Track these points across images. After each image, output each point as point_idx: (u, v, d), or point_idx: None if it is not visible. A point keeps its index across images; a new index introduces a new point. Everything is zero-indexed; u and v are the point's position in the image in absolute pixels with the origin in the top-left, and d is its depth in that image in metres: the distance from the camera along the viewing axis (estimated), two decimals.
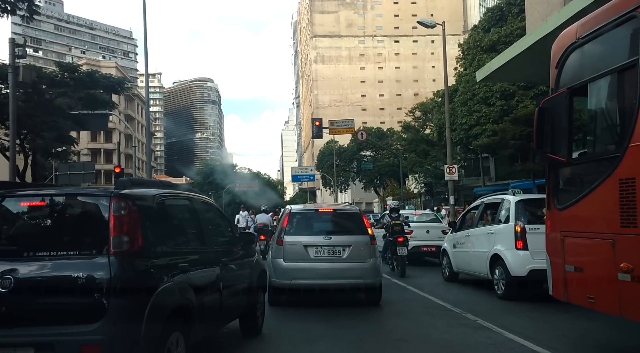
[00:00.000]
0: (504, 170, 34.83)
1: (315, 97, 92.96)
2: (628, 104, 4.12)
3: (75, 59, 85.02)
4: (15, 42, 16.36)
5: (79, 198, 3.98)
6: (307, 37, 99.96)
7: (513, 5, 30.36)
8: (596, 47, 4.62)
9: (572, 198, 4.79)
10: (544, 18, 12.58)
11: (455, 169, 21.34)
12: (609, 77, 4.41)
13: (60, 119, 23.00)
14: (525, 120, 22.51)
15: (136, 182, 4.30)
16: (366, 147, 54.23)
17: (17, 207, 3.84)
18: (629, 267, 3.90)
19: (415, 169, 43.98)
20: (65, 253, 3.47)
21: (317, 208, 8.78)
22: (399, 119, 63.64)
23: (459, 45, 35.66)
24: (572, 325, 6.33)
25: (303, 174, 52.57)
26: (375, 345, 5.65)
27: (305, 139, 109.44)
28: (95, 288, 3.30)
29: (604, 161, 4.44)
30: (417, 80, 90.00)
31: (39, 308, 3.33)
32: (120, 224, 3.51)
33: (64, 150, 29.80)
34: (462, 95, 31.50)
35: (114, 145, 56.27)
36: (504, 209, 8.83)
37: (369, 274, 7.70)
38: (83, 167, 25.28)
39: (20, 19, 20.19)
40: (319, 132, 34.02)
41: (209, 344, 5.35)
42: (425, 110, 47.44)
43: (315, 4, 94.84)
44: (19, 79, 16.57)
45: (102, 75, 28.82)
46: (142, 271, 3.59)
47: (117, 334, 3.26)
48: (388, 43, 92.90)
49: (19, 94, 19.53)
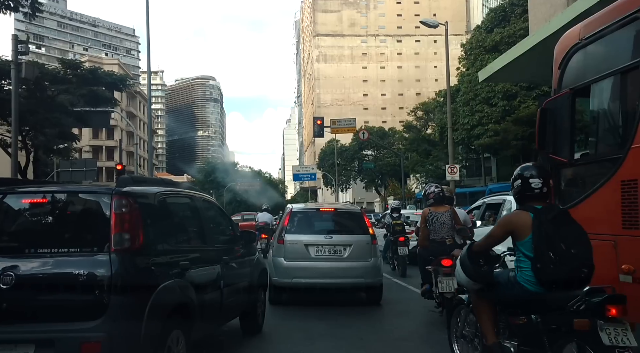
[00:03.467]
0: (506, 170, 34.76)
1: (317, 96, 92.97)
2: (631, 105, 4.12)
3: (77, 56, 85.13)
4: (18, 39, 16.39)
5: (81, 196, 3.99)
6: (309, 36, 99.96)
7: (516, 6, 30.30)
8: (599, 49, 4.61)
9: (574, 199, 4.77)
10: (547, 19, 12.57)
11: (456, 169, 21.33)
12: (612, 78, 4.40)
13: (62, 116, 23.05)
14: (527, 120, 22.50)
15: (138, 179, 4.31)
16: (368, 146, 54.20)
17: (19, 204, 3.85)
18: (631, 269, 3.90)
19: (416, 169, 43.95)
20: (66, 250, 3.48)
21: (318, 208, 8.78)
22: (400, 119, 63.54)
23: (462, 45, 35.62)
24: None
25: (304, 173, 52.66)
26: (375, 344, 5.65)
27: (306, 138, 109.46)
28: (96, 285, 3.30)
29: (606, 162, 4.43)
30: (419, 80, 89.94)
31: (40, 305, 3.34)
32: (121, 221, 3.51)
33: (66, 147, 29.89)
34: (464, 95, 31.48)
35: (116, 143, 56.33)
36: (505, 209, 8.81)
37: (369, 273, 7.70)
38: (85, 164, 25.34)
39: (23, 15, 20.21)
40: (321, 131, 34.00)
41: (210, 342, 5.36)
42: (427, 110, 47.39)
43: (318, 3, 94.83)
44: (22, 76, 16.60)
45: (104, 72, 28.87)
46: (143, 269, 3.60)
47: (117, 331, 3.26)
48: (390, 42, 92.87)
49: (22, 91, 19.56)
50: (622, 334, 3.05)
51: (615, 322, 3.08)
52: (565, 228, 3.48)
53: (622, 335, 3.05)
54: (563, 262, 3.33)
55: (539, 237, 3.42)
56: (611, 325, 3.06)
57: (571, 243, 3.40)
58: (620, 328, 3.07)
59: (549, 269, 3.35)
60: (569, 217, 3.59)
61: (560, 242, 3.39)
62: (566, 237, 3.41)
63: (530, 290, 3.47)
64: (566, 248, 3.36)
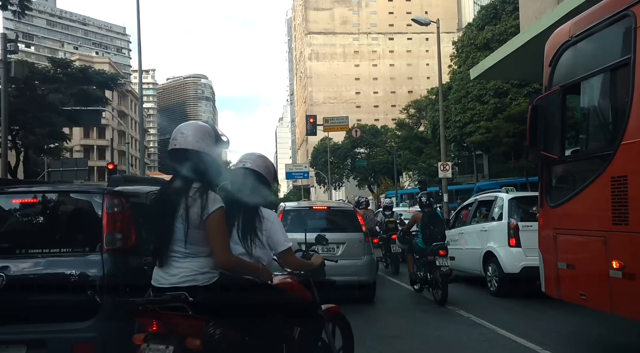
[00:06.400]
0: (498, 167, 34.95)
1: (310, 94, 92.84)
2: (620, 102, 4.15)
3: (68, 54, 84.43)
4: (7, 38, 16.21)
5: (72, 195, 3.96)
6: (301, 34, 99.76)
7: (507, 4, 30.41)
8: (589, 46, 4.64)
9: (565, 195, 4.81)
10: (537, 16, 12.62)
11: (449, 166, 21.40)
12: (602, 75, 4.43)
13: (52, 115, 22.89)
14: (519, 118, 22.57)
15: (129, 178, 4.29)
16: (360, 144, 54.22)
17: (9, 204, 3.82)
18: (621, 264, 3.93)
19: (409, 166, 44.03)
20: (58, 251, 3.46)
21: (311, 206, 8.77)
22: (393, 117, 63.64)
23: (453, 43, 35.72)
24: (563, 321, 6.37)
25: (297, 171, 52.46)
26: (368, 341, 5.65)
27: (299, 136, 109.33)
28: (88, 285, 3.29)
29: (597, 159, 4.46)
30: (411, 78, 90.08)
31: (31, 306, 3.32)
32: (113, 221, 3.50)
33: (57, 146, 29.64)
34: (456, 93, 31.57)
35: (107, 142, 55.98)
36: (497, 207, 8.87)
37: (363, 271, 7.71)
38: (76, 163, 25.08)
39: (12, 14, 20.03)
40: (313, 129, 34.03)
41: None
42: (419, 108, 47.50)
43: (309, 0, 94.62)
44: (11, 75, 16.44)
45: (95, 71, 28.69)
46: (135, 268, 3.58)
47: (109, 332, 3.25)
48: (382, 40, 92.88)
49: (11, 90, 19.39)
50: (445, 261, 7.54)
51: (442, 257, 7.56)
52: (433, 220, 8.19)
53: (444, 261, 7.54)
54: (431, 234, 7.99)
55: (423, 224, 8.24)
56: (440, 257, 7.57)
57: (434, 226, 8.07)
58: (445, 259, 7.57)
59: (426, 237, 8.09)
60: (437, 215, 8.47)
61: (430, 225, 8.10)
62: (433, 224, 8.10)
63: (421, 247, 8.27)
64: (432, 229, 8.05)
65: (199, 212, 2.50)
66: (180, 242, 2.51)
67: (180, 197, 2.53)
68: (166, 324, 2.44)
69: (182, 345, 2.40)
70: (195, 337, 2.41)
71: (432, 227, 8.05)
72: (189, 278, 2.51)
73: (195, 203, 2.51)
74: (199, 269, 2.53)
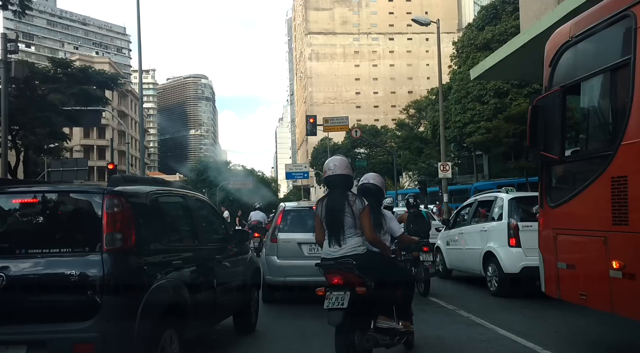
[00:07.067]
0: (498, 167, 34.98)
1: (310, 95, 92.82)
2: (620, 102, 4.15)
3: (68, 54, 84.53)
4: (7, 37, 16.22)
5: (72, 195, 3.96)
6: (301, 34, 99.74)
7: (507, 4, 30.45)
8: (589, 46, 4.64)
9: (565, 195, 4.81)
10: (537, 16, 12.64)
11: (449, 166, 21.40)
12: (602, 75, 4.43)
13: (52, 115, 22.89)
14: (519, 118, 22.61)
15: (129, 179, 4.28)
16: (360, 144, 54.28)
17: (9, 204, 3.81)
18: (621, 264, 3.94)
19: (409, 167, 44.09)
20: (57, 251, 3.46)
21: (311, 206, 8.76)
22: (393, 117, 63.61)
23: (453, 43, 35.75)
24: (564, 321, 6.37)
25: (297, 171, 52.49)
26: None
27: (299, 136, 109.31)
28: (88, 285, 3.28)
29: (597, 159, 4.46)
30: (411, 78, 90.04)
31: (32, 306, 3.31)
32: (113, 221, 3.49)
33: (57, 146, 29.67)
34: (456, 93, 31.59)
35: (107, 142, 55.96)
36: (497, 207, 8.87)
37: None
38: (76, 163, 25.08)
39: (12, 13, 20.05)
40: (313, 130, 34.01)
41: (203, 341, 5.34)
42: (419, 108, 47.51)
43: (310, 1, 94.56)
44: (11, 75, 16.45)
45: (95, 71, 28.71)
46: (136, 268, 3.58)
47: (110, 332, 3.25)
48: (382, 41, 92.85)
49: (11, 90, 19.39)
50: (428, 257, 8.40)
51: (425, 253, 8.32)
52: (418, 219, 8.98)
53: (427, 257, 8.40)
54: (415, 231, 8.35)
55: (408, 222, 8.83)
56: (423, 253, 8.26)
57: (418, 225, 8.79)
58: (428, 254, 8.40)
59: (411, 233, 7.91)
60: (422, 215, 9.32)
61: (414, 223, 8.79)
62: (417, 223, 8.82)
63: None
64: (416, 227, 8.63)
65: (358, 208, 4.10)
66: (350, 227, 4.09)
67: (344, 201, 4.13)
68: (344, 278, 4.00)
69: (354, 292, 3.93)
70: (361, 286, 3.98)
71: (416, 225, 8.79)
72: (354, 249, 4.08)
73: (355, 204, 4.11)
74: (360, 243, 4.13)
